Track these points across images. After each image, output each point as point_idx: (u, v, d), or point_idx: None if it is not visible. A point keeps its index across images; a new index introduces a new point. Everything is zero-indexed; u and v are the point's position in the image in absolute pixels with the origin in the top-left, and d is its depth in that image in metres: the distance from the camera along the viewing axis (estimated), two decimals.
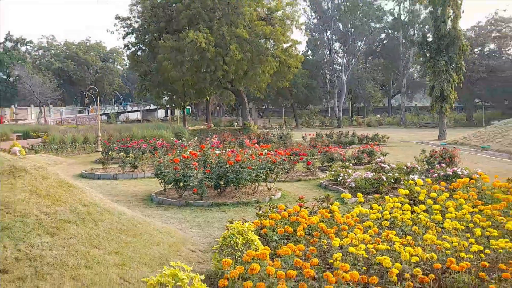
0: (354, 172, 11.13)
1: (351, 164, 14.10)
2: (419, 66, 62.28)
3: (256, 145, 14.76)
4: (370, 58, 69.04)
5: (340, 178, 11.25)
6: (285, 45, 35.05)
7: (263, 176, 9.93)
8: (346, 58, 58.94)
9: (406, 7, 57.97)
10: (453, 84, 30.80)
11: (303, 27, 42.57)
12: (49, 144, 22.92)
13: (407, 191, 7.56)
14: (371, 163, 13.88)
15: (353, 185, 10.08)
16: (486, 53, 57.80)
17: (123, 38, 37.66)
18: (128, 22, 37.14)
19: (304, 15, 60.16)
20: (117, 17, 37.38)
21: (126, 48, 38.98)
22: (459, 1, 30.62)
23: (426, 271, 4.45)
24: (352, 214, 6.29)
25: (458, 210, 6.42)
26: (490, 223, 5.96)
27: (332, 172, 11.85)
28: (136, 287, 4.44)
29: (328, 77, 60.24)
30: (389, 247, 4.90)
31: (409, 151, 20.19)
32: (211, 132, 29.68)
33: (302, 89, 54.53)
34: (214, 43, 30.80)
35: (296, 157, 14.22)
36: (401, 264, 4.49)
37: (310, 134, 28.28)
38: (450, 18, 30.55)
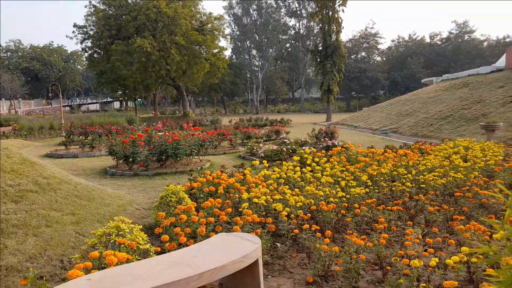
0: (264, 146, 11.41)
1: (262, 140, 14.38)
2: (313, 68, 64.46)
3: (192, 128, 14.60)
4: (279, 61, 70.07)
5: (254, 150, 11.47)
6: (214, 51, 34.52)
7: (196, 151, 9.86)
8: (261, 61, 59.39)
9: (304, 24, 59.38)
10: (336, 81, 32.25)
11: (228, 37, 42.09)
12: (19, 131, 20.82)
13: (298, 158, 7.90)
14: (277, 139, 14.28)
15: (263, 155, 10.35)
16: (359, 58, 61.07)
17: (81, 43, 34.84)
18: (85, 29, 34.34)
19: (229, 28, 59.64)
20: (75, 25, 34.42)
21: (83, 51, 36.12)
22: (340, 20, 31.90)
23: (307, 212, 4.77)
24: (259, 175, 6.46)
25: (332, 169, 6.87)
26: (353, 177, 6.47)
27: (249, 146, 12.05)
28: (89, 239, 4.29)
29: (248, 76, 60.40)
30: (281, 197, 5.15)
31: (305, 130, 20.83)
32: (157, 119, 28.72)
33: (229, 85, 54.27)
34: (158, 48, 29.56)
35: (222, 136, 14.25)
36: (290, 208, 4.77)
37: (235, 119, 28.34)
38: (334, 33, 31.79)
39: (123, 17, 31.77)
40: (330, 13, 31.19)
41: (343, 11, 31.75)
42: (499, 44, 57.35)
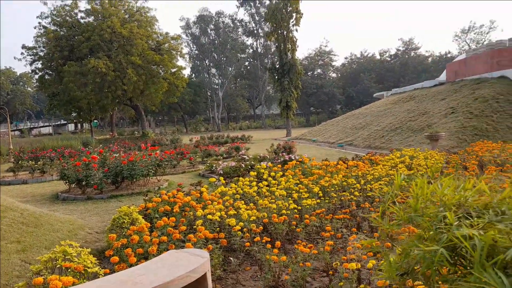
0: (223, 163, 11.50)
1: (222, 158, 14.46)
2: (272, 85, 65.89)
3: (150, 148, 14.41)
4: (238, 79, 71.01)
5: (213, 168, 11.53)
6: (173, 70, 34.45)
7: (153, 171, 9.75)
8: (221, 79, 59.88)
9: (261, 43, 60.82)
10: (294, 97, 33.20)
11: (186, 56, 42.36)
12: None
13: (255, 173, 8.08)
14: (236, 156, 14.42)
15: (221, 172, 10.43)
16: (315, 75, 63.36)
17: (30, 64, 33.42)
18: (34, 51, 33.02)
19: (188, 47, 59.85)
20: (24, 47, 33.02)
21: (33, 73, 34.61)
22: (294, 39, 33.11)
23: (259, 225, 4.92)
24: (215, 192, 6.53)
25: (287, 183, 7.10)
26: (306, 189, 6.74)
27: (208, 164, 12.09)
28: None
29: (209, 94, 60.54)
30: (235, 212, 5.27)
31: (265, 146, 21.10)
32: (114, 140, 27.92)
33: (189, 104, 54.07)
34: (113, 68, 29.02)
35: (181, 155, 14.17)
36: (243, 222, 4.89)
37: (195, 138, 28.13)
38: (289, 51, 32.88)
39: (76, 37, 31.01)
40: (285, 32, 32.34)
41: (296, 30, 32.95)
42: (442, 59, 62.09)
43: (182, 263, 3.11)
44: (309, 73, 61.66)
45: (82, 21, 33.03)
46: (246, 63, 67.59)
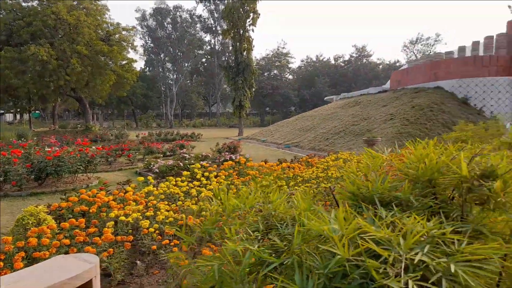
0: (161, 162, 11.21)
1: (162, 156, 14.11)
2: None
3: (87, 142, 13.70)
4: (195, 76, 69.99)
5: (151, 166, 11.21)
6: (122, 62, 33.12)
7: (82, 168, 9.26)
8: (176, 75, 58.65)
9: (219, 40, 60.38)
10: (248, 97, 33.34)
11: (140, 48, 40.92)
12: None
13: (188, 173, 7.95)
14: (178, 155, 14.15)
15: (157, 171, 10.17)
16: (272, 76, 64.11)
17: None
18: None
19: (143, 40, 57.96)
20: None
21: None
22: (250, 39, 33.23)
23: (176, 226, 4.81)
24: (141, 192, 6.34)
25: (219, 182, 7.05)
26: (236, 190, 6.73)
27: (146, 162, 11.73)
28: None
29: (163, 89, 59.05)
30: (153, 213, 5.12)
31: (212, 145, 21.00)
32: (54, 133, 26.29)
33: (141, 98, 52.31)
34: (56, 57, 27.28)
35: (119, 152, 13.63)
36: (158, 224, 4.75)
37: (143, 133, 27.32)
38: (245, 50, 32.94)
39: (16, 22, 28.75)
40: (241, 31, 32.33)
41: (253, 30, 33.14)
42: (391, 67, 65.50)
43: (68, 268, 2.93)
44: (265, 74, 62.27)
45: (24, 4, 30.71)
46: (203, 60, 66.78)
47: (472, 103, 19.11)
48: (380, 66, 68.94)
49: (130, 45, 33.16)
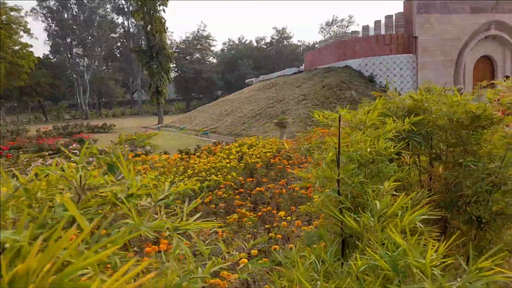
0: (38, 162, 9.73)
1: (50, 153, 12.47)
2: None
3: None
4: (110, 62, 64.87)
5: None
6: (15, 48, 29.04)
7: None
8: (88, 61, 53.69)
9: (133, 22, 56.37)
10: (165, 82, 31.63)
11: (32, 31, 36.24)
12: None
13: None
14: (69, 151, 12.61)
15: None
16: (194, 60, 62.03)
17: None
18: None
19: (45, 22, 51.76)
20: None
21: None
22: (163, 20, 31.24)
23: None
24: None
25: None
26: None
27: (26, 163, 10.13)
28: None
29: (74, 76, 53.74)
30: None
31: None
32: None
33: (47, 87, 47.00)
34: None
35: None
36: None
37: (46, 128, 24.45)
38: (158, 33, 30.92)
39: None
40: (152, 12, 30.22)
41: (164, 11, 31.07)
42: (310, 48, 67.52)
43: None
44: (187, 58, 60.07)
45: None
46: (119, 44, 62.09)
47: (377, 81, 20.08)
48: (301, 48, 70.67)
49: (22, 27, 29.12)
